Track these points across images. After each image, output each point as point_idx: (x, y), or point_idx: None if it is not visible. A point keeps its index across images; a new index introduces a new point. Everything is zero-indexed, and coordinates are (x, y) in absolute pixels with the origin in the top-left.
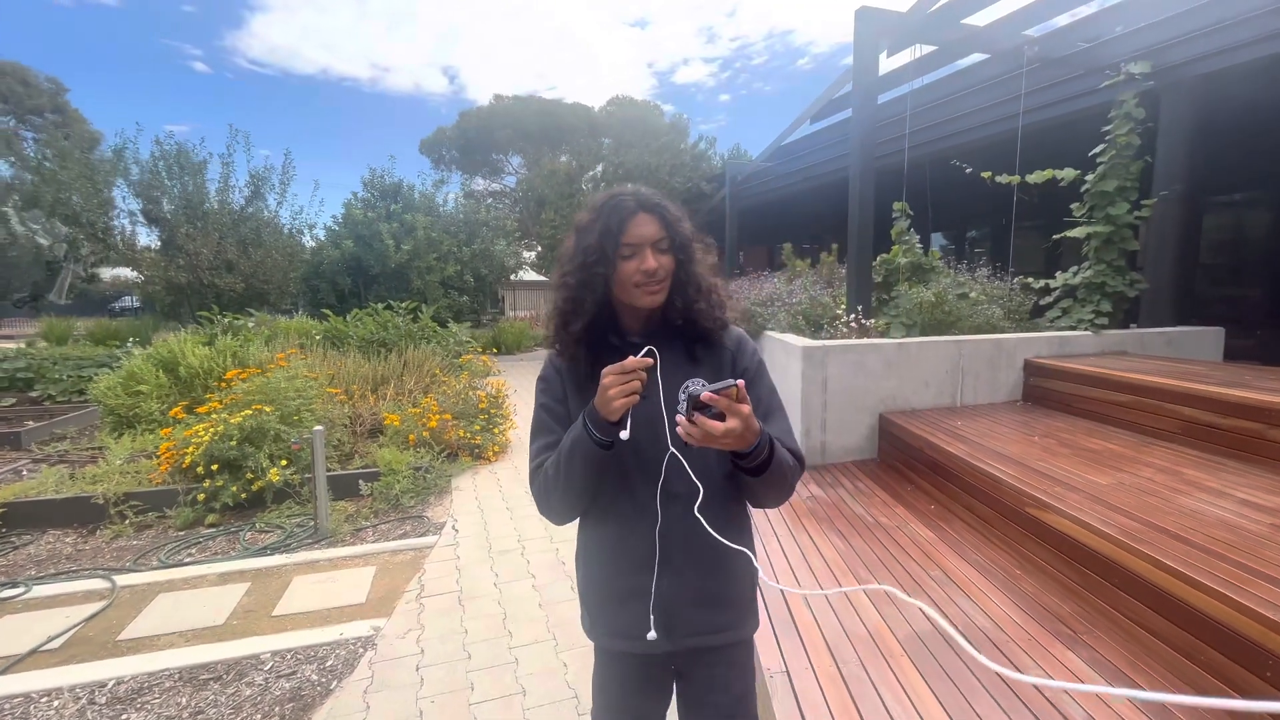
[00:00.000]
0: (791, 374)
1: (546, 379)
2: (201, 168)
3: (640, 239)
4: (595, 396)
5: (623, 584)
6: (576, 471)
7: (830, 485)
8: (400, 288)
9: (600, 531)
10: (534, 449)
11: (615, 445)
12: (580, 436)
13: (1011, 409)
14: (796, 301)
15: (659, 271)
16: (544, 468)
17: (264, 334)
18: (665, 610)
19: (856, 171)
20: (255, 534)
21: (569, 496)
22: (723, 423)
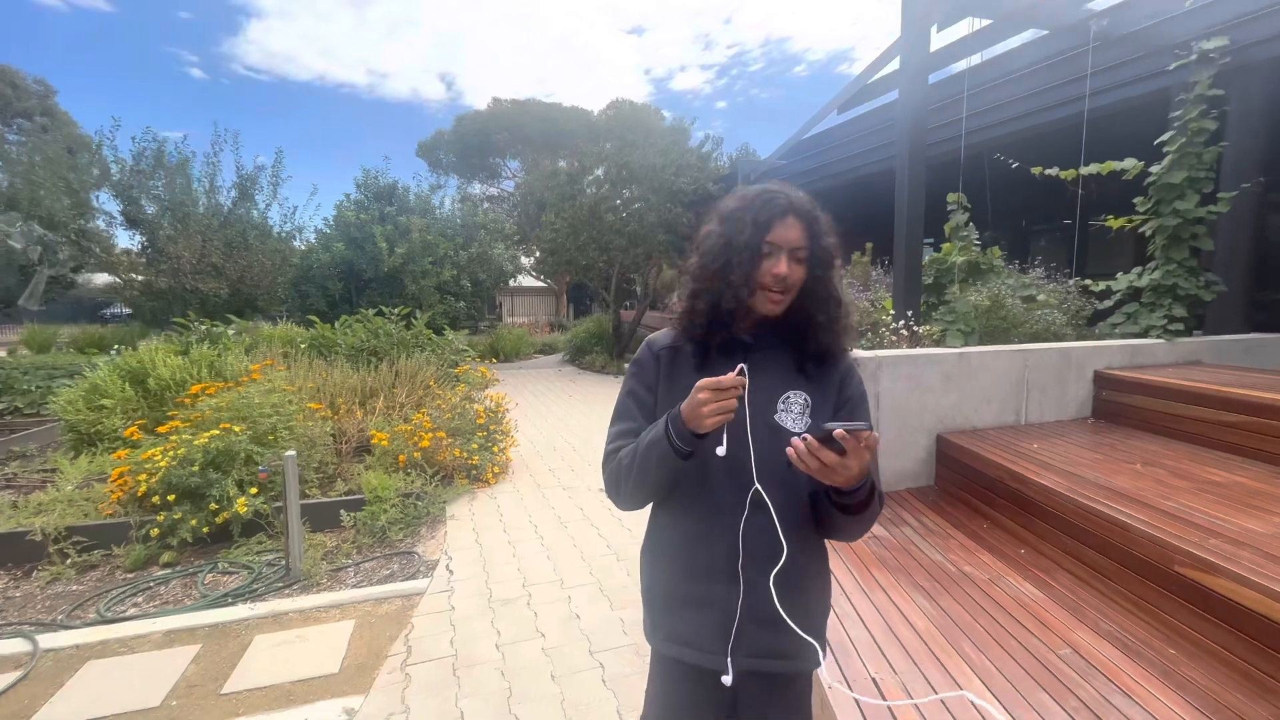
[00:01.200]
0: None
1: (641, 363)
2: (184, 166)
3: (782, 241)
4: (684, 401)
5: (691, 589)
6: (650, 471)
7: (892, 521)
8: (394, 293)
9: (674, 530)
10: (612, 432)
11: (695, 454)
12: (659, 439)
13: (1084, 428)
14: None
15: (788, 279)
16: (619, 456)
17: (245, 342)
18: (730, 625)
19: (904, 160)
20: (217, 576)
21: (640, 492)
22: (842, 457)
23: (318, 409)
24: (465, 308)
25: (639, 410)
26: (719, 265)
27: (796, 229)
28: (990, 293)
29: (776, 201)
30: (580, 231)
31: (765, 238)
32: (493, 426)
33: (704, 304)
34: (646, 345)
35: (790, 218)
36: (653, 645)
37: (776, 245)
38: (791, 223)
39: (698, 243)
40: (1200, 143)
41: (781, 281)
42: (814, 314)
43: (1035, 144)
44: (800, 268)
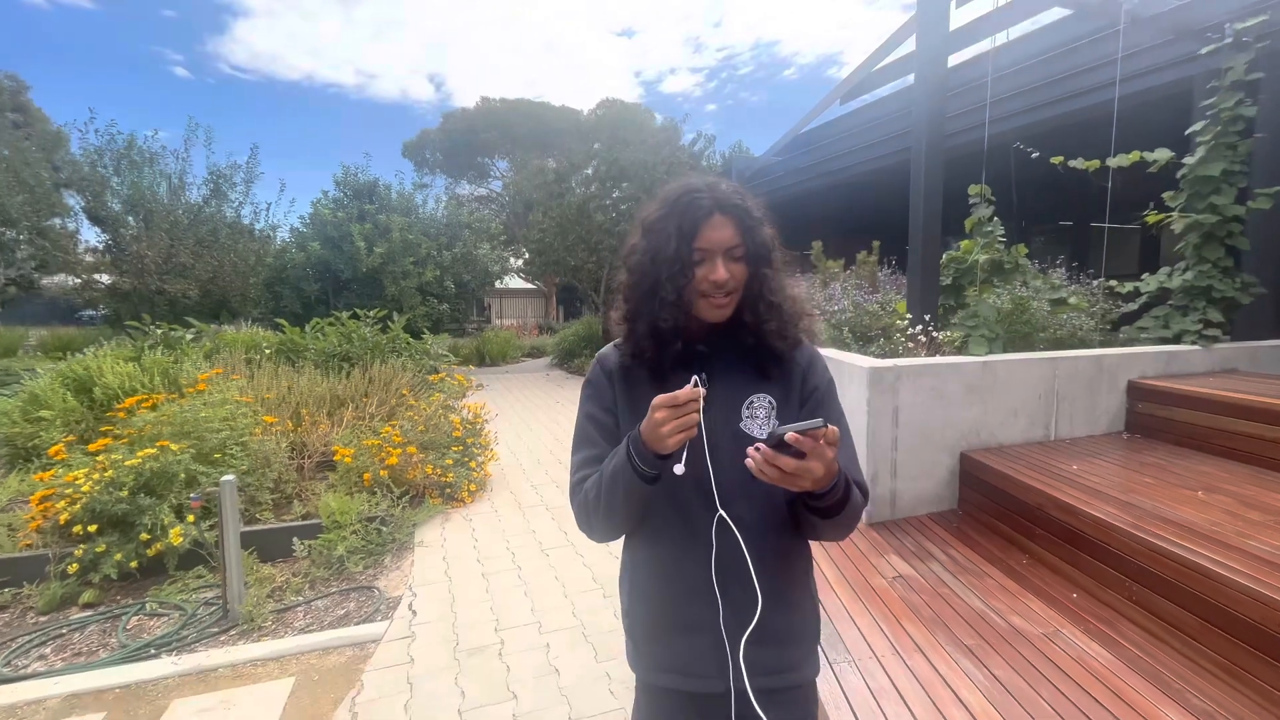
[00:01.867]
0: (850, 402)
1: (594, 384)
2: (151, 161)
3: (712, 244)
4: (643, 423)
5: (675, 614)
6: (619, 500)
7: (916, 555)
8: (373, 294)
9: (650, 555)
10: (575, 461)
11: (662, 477)
12: (622, 466)
13: (1120, 444)
14: (838, 310)
15: (729, 283)
16: (584, 487)
17: (205, 348)
18: (721, 648)
19: (921, 149)
20: (144, 619)
21: (611, 521)
22: (802, 460)
23: (273, 422)
24: (449, 310)
25: (600, 434)
26: (649, 284)
27: (727, 227)
28: (1012, 294)
29: (700, 203)
30: (569, 231)
31: (694, 244)
32: (470, 440)
33: (644, 325)
34: (597, 363)
35: (717, 216)
36: (639, 676)
37: (708, 250)
38: (719, 221)
39: (624, 258)
40: (1235, 132)
41: (721, 287)
42: (761, 311)
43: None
44: (739, 265)
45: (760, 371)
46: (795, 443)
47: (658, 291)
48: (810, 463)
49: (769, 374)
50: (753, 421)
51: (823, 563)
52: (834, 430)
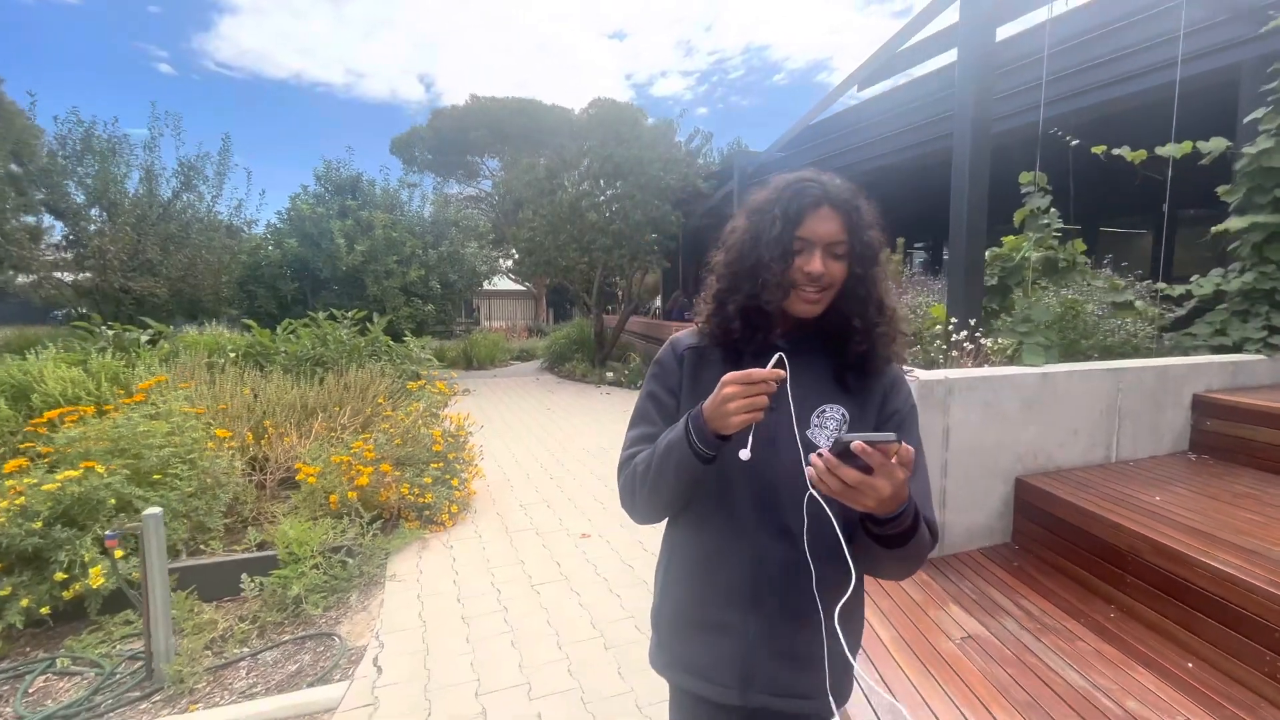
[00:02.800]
0: None
1: (663, 364)
2: (114, 149)
3: (815, 236)
4: (708, 400)
5: (705, 614)
6: (668, 478)
7: (982, 606)
8: (354, 294)
9: (688, 548)
10: (630, 436)
11: (718, 460)
12: (678, 441)
13: (1191, 467)
14: None
15: (824, 278)
16: (634, 462)
17: (163, 351)
18: (745, 657)
19: (966, 132)
20: (54, 678)
21: (655, 501)
22: (868, 475)
23: (226, 436)
24: (434, 311)
25: (659, 414)
26: (748, 264)
27: (833, 221)
28: (1065, 296)
29: (809, 191)
30: (560, 230)
31: (796, 232)
32: (452, 455)
33: (733, 307)
34: (670, 345)
35: (825, 208)
36: (657, 670)
37: (809, 240)
38: (826, 214)
39: (724, 239)
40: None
41: (816, 280)
42: (853, 317)
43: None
44: (839, 264)
45: (839, 382)
46: (862, 454)
47: (757, 273)
48: (877, 480)
49: (847, 386)
50: (821, 432)
51: (871, 617)
52: (908, 450)
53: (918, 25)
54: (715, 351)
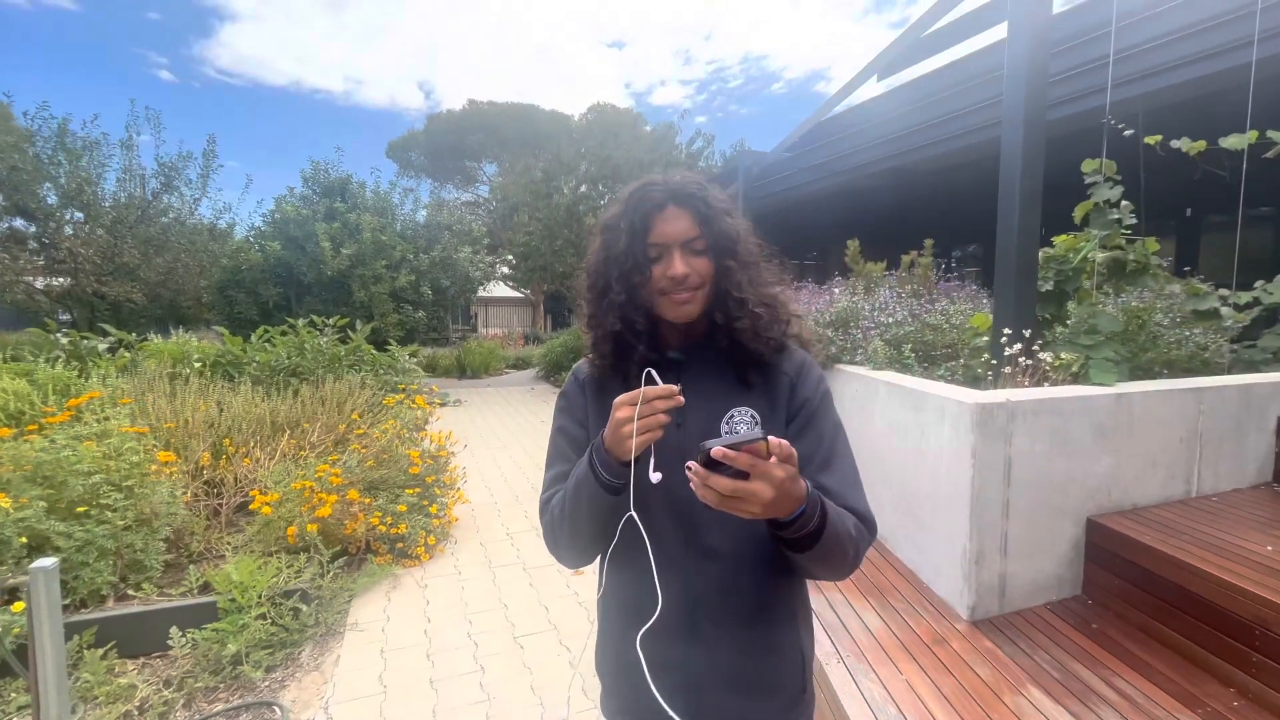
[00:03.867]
0: (942, 449)
1: (568, 396)
2: (92, 148)
3: (667, 237)
4: (606, 427)
5: (644, 654)
6: (582, 514)
7: (1068, 688)
8: (340, 300)
9: (621, 586)
10: (546, 479)
11: (627, 489)
12: (585, 476)
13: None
14: (894, 322)
15: (689, 277)
16: (551, 505)
17: (121, 360)
18: (690, 691)
19: (1018, 118)
20: None
21: (576, 542)
22: (744, 481)
23: (168, 460)
24: (425, 318)
25: (572, 449)
26: (602, 285)
27: (682, 218)
28: (1127, 304)
29: (651, 195)
30: (557, 235)
31: (648, 240)
32: (431, 478)
33: (601, 331)
34: (573, 376)
35: (670, 207)
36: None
37: (663, 244)
38: (674, 213)
39: (585, 263)
40: None
41: (680, 282)
42: (734, 315)
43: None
44: (702, 259)
45: (742, 381)
46: (725, 459)
47: (614, 293)
48: (754, 485)
49: (751, 383)
50: (733, 438)
51: (931, 703)
52: (783, 445)
53: (936, 13)
54: (614, 377)
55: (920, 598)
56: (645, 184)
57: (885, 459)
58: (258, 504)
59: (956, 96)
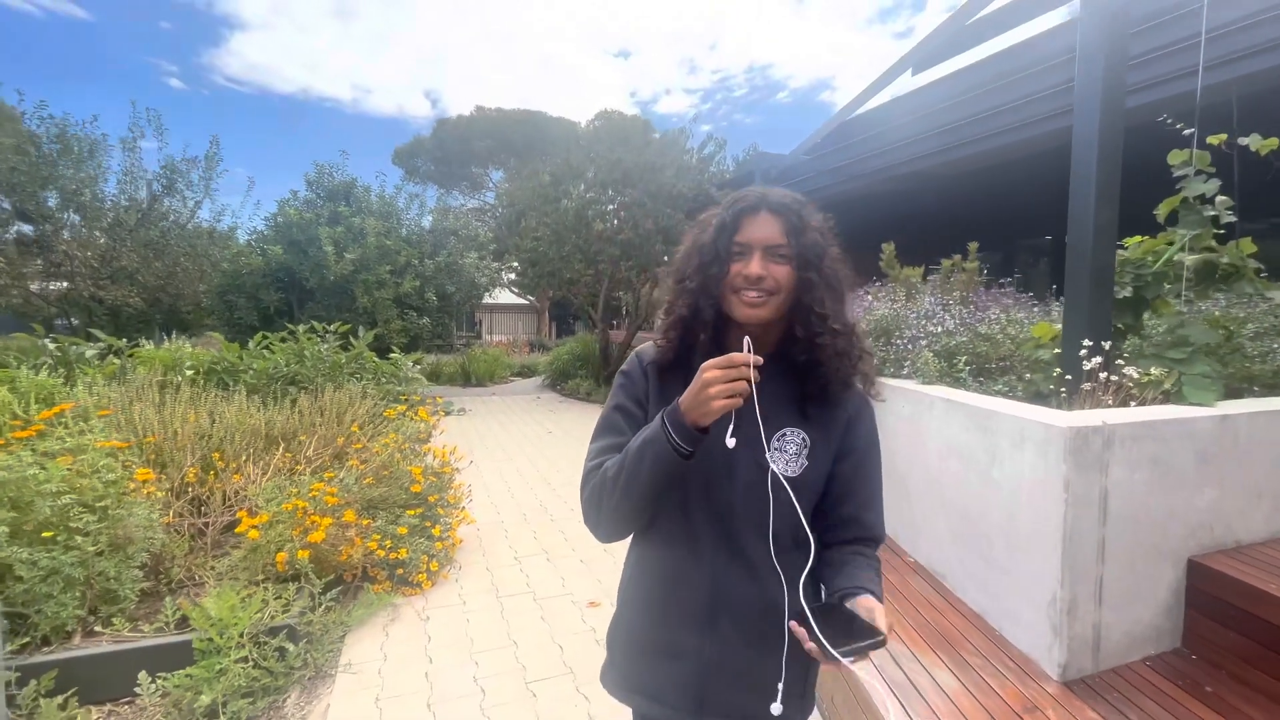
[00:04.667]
0: (1013, 480)
1: (629, 375)
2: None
3: (753, 239)
4: (685, 393)
5: (660, 636)
6: (642, 478)
7: None
8: (343, 306)
9: (646, 569)
10: (594, 449)
11: (693, 456)
12: (655, 437)
13: None
14: (940, 332)
15: (765, 280)
16: (603, 469)
17: (110, 368)
18: (700, 680)
19: (1094, 104)
20: None
21: (624, 507)
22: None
23: (145, 479)
24: (429, 325)
25: (628, 424)
26: (681, 272)
27: (771, 224)
28: (1212, 313)
29: (746, 198)
30: (564, 240)
31: (735, 238)
32: (435, 496)
33: (676, 316)
34: (636, 357)
35: (763, 213)
36: (607, 689)
37: (747, 244)
38: (765, 218)
39: (672, 258)
40: None
41: (755, 281)
42: (814, 326)
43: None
44: (783, 268)
45: (800, 409)
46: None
47: (695, 281)
48: None
49: (808, 413)
50: (780, 455)
51: None
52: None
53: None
54: (676, 366)
55: (997, 650)
56: (744, 191)
57: (943, 485)
58: (244, 526)
59: (1004, 89)
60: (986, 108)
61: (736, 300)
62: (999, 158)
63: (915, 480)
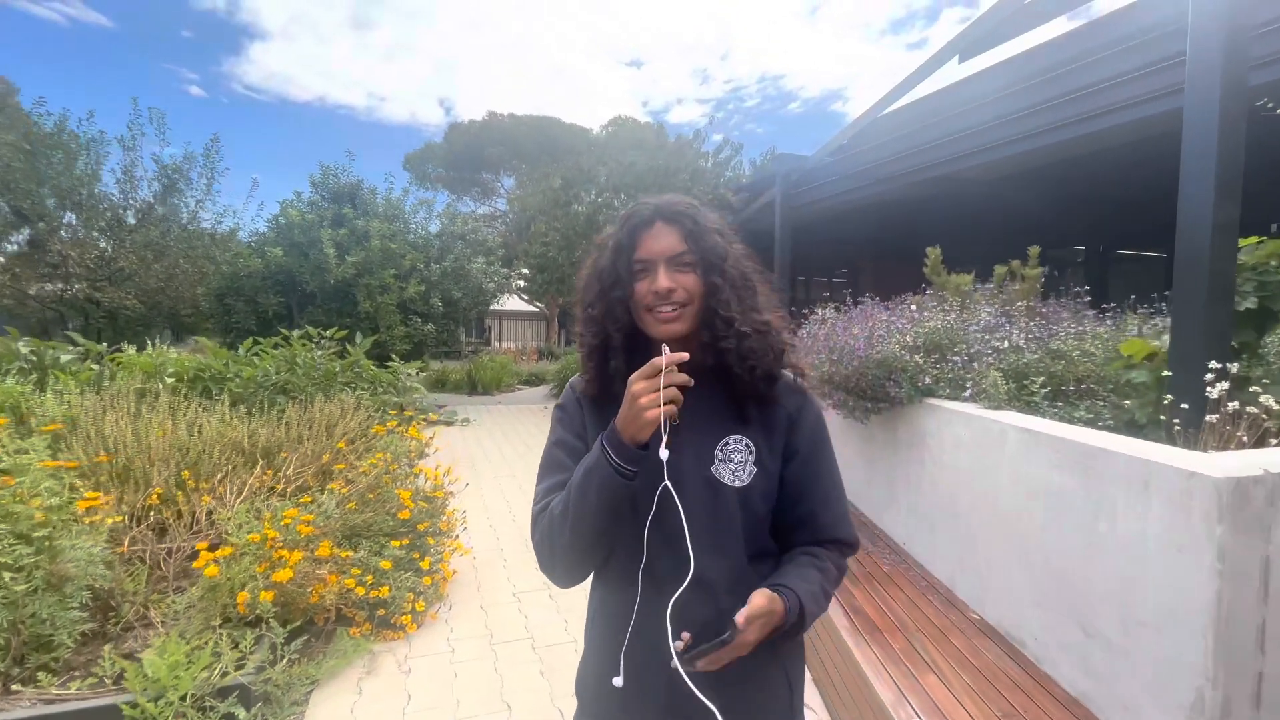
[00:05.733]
0: (1133, 539)
1: (565, 408)
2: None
3: (653, 253)
4: (619, 413)
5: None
6: (589, 508)
7: None
8: (344, 311)
9: (607, 607)
10: (539, 490)
11: (638, 477)
12: (597, 464)
13: None
14: (1006, 348)
15: (675, 292)
16: (550, 509)
17: (86, 374)
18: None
19: (1213, 81)
20: None
21: (577, 545)
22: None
23: (92, 503)
24: (434, 331)
25: (570, 459)
26: (593, 300)
27: (669, 234)
28: None
29: (639, 213)
30: (575, 246)
31: (635, 255)
32: (427, 523)
33: (589, 346)
34: (569, 388)
35: (658, 224)
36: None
37: (649, 259)
38: (661, 229)
39: (577, 286)
40: None
41: (664, 296)
42: (719, 329)
43: None
44: (689, 276)
45: (738, 414)
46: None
47: (603, 309)
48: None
49: (747, 417)
50: (725, 466)
51: None
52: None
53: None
54: (605, 394)
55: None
56: (637, 204)
57: (1022, 534)
58: (202, 561)
59: (1064, 77)
60: (1049, 97)
61: (651, 319)
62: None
63: (980, 522)
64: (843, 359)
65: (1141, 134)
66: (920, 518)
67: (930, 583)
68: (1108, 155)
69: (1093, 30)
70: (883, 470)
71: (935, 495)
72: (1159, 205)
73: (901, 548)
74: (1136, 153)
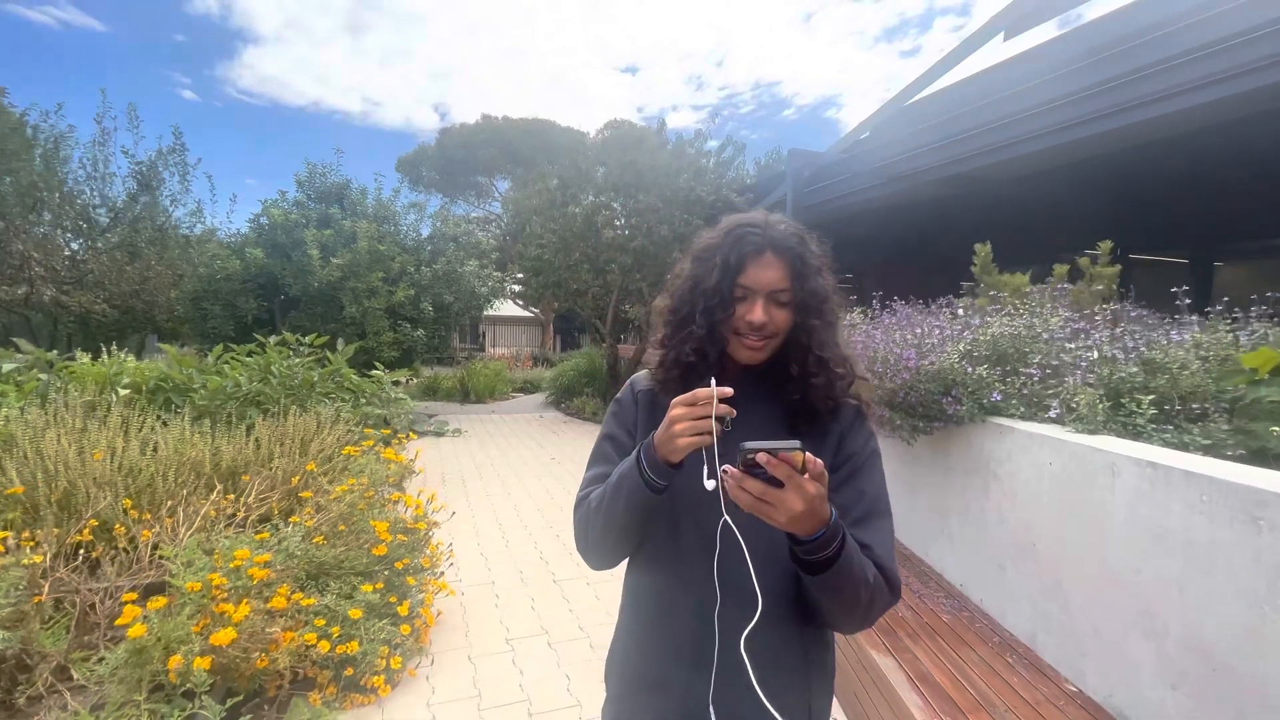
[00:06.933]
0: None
1: (621, 403)
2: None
3: (758, 283)
4: (659, 428)
5: (649, 670)
6: (619, 508)
7: None
8: (329, 316)
9: (639, 599)
10: (587, 477)
11: (669, 492)
12: (630, 471)
13: None
14: (1093, 358)
15: (767, 327)
16: (589, 499)
17: (30, 385)
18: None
19: None
20: None
21: (607, 538)
22: (777, 489)
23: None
24: (424, 337)
25: (618, 454)
26: (686, 312)
27: (775, 268)
28: None
29: (750, 238)
30: (572, 248)
31: (738, 280)
32: (409, 560)
33: (673, 354)
34: (629, 385)
35: (768, 255)
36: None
37: (751, 288)
38: (769, 261)
39: (668, 283)
40: None
41: (758, 329)
42: (811, 367)
43: None
44: (782, 312)
45: (789, 425)
46: (766, 465)
47: (695, 322)
48: (785, 494)
49: (798, 430)
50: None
51: None
52: (815, 462)
53: None
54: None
55: None
56: (746, 223)
57: (1146, 595)
58: (128, 617)
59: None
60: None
61: (737, 342)
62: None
63: (1073, 571)
64: (889, 371)
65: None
66: (984, 558)
67: (1005, 640)
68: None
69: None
70: (929, 498)
71: (1003, 532)
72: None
73: (959, 590)
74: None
